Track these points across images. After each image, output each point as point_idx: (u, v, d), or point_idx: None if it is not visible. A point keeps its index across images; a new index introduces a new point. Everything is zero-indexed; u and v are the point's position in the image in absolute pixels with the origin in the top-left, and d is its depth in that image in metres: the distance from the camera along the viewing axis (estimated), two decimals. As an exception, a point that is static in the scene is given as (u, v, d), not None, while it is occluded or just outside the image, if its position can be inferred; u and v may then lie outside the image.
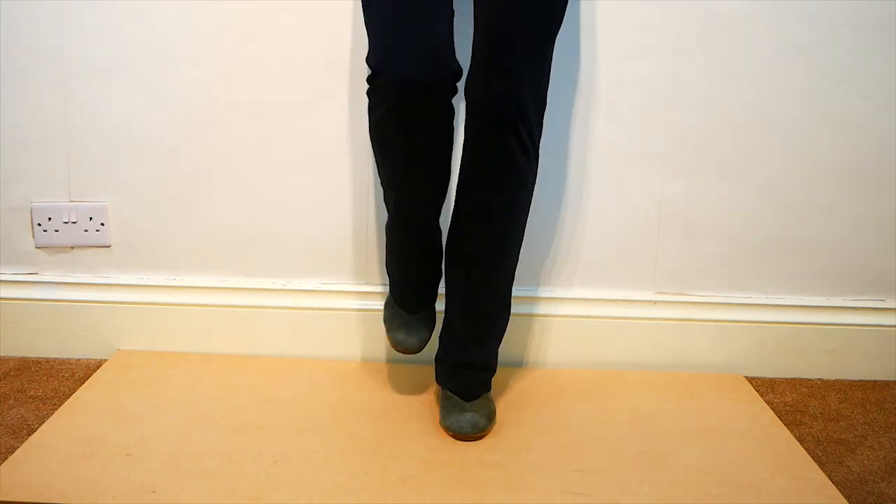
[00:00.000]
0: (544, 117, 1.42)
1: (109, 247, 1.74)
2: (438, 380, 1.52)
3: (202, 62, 1.65)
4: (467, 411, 1.45)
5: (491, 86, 1.31)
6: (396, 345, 1.47)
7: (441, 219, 1.46)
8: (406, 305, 1.50)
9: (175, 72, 1.65)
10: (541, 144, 1.67)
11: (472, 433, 1.43)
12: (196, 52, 1.64)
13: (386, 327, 1.51)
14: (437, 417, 1.50)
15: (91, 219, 1.72)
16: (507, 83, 1.31)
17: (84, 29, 1.63)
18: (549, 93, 1.64)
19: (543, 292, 1.75)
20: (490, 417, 1.47)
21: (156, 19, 1.63)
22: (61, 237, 1.73)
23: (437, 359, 1.53)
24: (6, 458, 1.35)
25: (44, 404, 1.55)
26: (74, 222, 1.72)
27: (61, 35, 1.64)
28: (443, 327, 1.52)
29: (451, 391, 1.50)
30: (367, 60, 1.29)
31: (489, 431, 1.47)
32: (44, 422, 1.47)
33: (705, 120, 1.68)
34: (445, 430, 1.46)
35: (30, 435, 1.43)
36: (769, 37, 1.64)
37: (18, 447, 1.38)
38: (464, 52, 1.60)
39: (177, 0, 1.62)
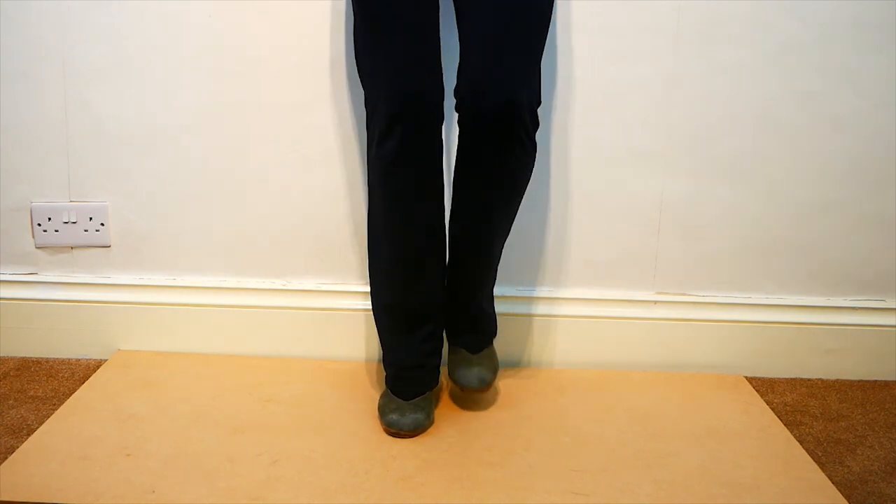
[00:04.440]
0: (547, 116, 1.43)
1: (109, 247, 1.74)
2: (448, 332, 1.56)
3: (202, 62, 1.65)
4: (474, 365, 1.50)
5: (483, 87, 1.31)
6: (388, 426, 1.43)
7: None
8: (402, 390, 1.48)
9: (175, 72, 1.65)
10: (540, 145, 1.68)
11: (480, 387, 1.48)
12: (196, 52, 1.64)
13: (379, 413, 1.48)
14: (437, 415, 1.51)
15: (91, 219, 1.72)
16: (500, 84, 1.31)
17: (84, 29, 1.63)
18: (549, 93, 1.65)
19: (543, 292, 1.75)
20: (495, 371, 1.52)
21: (155, 20, 1.63)
22: (61, 237, 1.73)
23: (445, 308, 1.53)
24: (6, 458, 1.35)
25: (44, 404, 1.55)
26: (74, 222, 1.72)
27: (61, 35, 1.64)
28: (447, 282, 1.52)
29: (459, 346, 1.54)
30: (364, 84, 1.36)
31: (493, 384, 1.53)
32: (44, 422, 1.47)
33: (705, 120, 1.68)
34: (454, 383, 1.51)
35: (30, 435, 1.43)
36: (769, 36, 1.64)
37: (18, 447, 1.38)
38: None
39: (176, 0, 1.62)
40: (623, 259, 1.75)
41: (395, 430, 1.43)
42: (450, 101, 1.48)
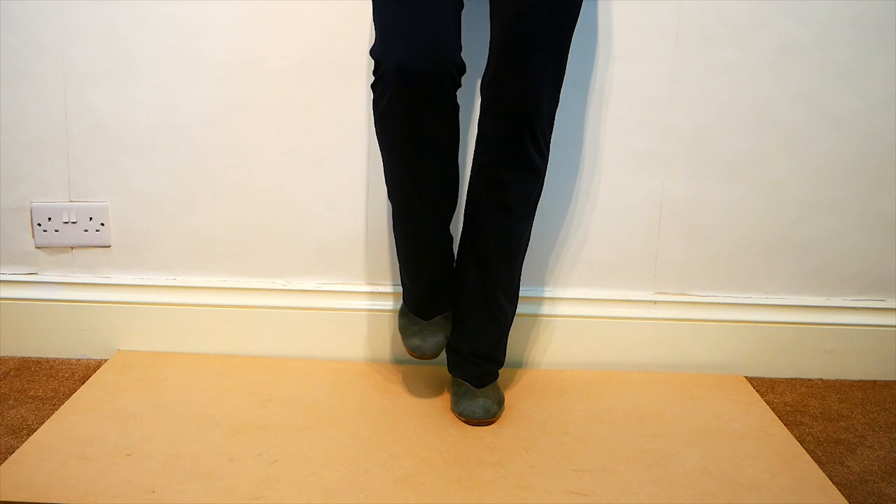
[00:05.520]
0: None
1: (109, 247, 1.74)
2: (451, 369, 1.56)
3: (202, 62, 1.65)
4: (479, 397, 1.49)
5: (509, 87, 1.34)
6: (412, 351, 1.49)
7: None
8: (420, 312, 1.52)
9: (175, 72, 1.65)
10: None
11: (485, 418, 1.48)
12: (196, 52, 1.64)
13: (402, 335, 1.53)
14: (437, 415, 1.51)
15: (91, 219, 1.72)
16: (525, 85, 1.33)
17: (84, 29, 1.63)
18: (549, 93, 1.65)
19: (544, 292, 1.75)
20: (500, 403, 1.51)
21: (155, 20, 1.63)
22: (61, 237, 1.73)
23: (450, 348, 1.55)
24: (6, 458, 1.35)
25: (44, 404, 1.55)
26: (74, 222, 1.72)
27: (61, 35, 1.64)
28: (454, 317, 1.54)
29: (462, 379, 1.53)
30: (371, 52, 1.30)
31: (499, 417, 1.51)
32: (44, 422, 1.47)
33: (705, 120, 1.68)
34: (458, 416, 1.50)
35: (30, 435, 1.43)
36: (769, 37, 1.64)
37: (18, 447, 1.38)
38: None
39: (176, 0, 1.62)
40: (623, 259, 1.75)
41: (419, 355, 1.48)
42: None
